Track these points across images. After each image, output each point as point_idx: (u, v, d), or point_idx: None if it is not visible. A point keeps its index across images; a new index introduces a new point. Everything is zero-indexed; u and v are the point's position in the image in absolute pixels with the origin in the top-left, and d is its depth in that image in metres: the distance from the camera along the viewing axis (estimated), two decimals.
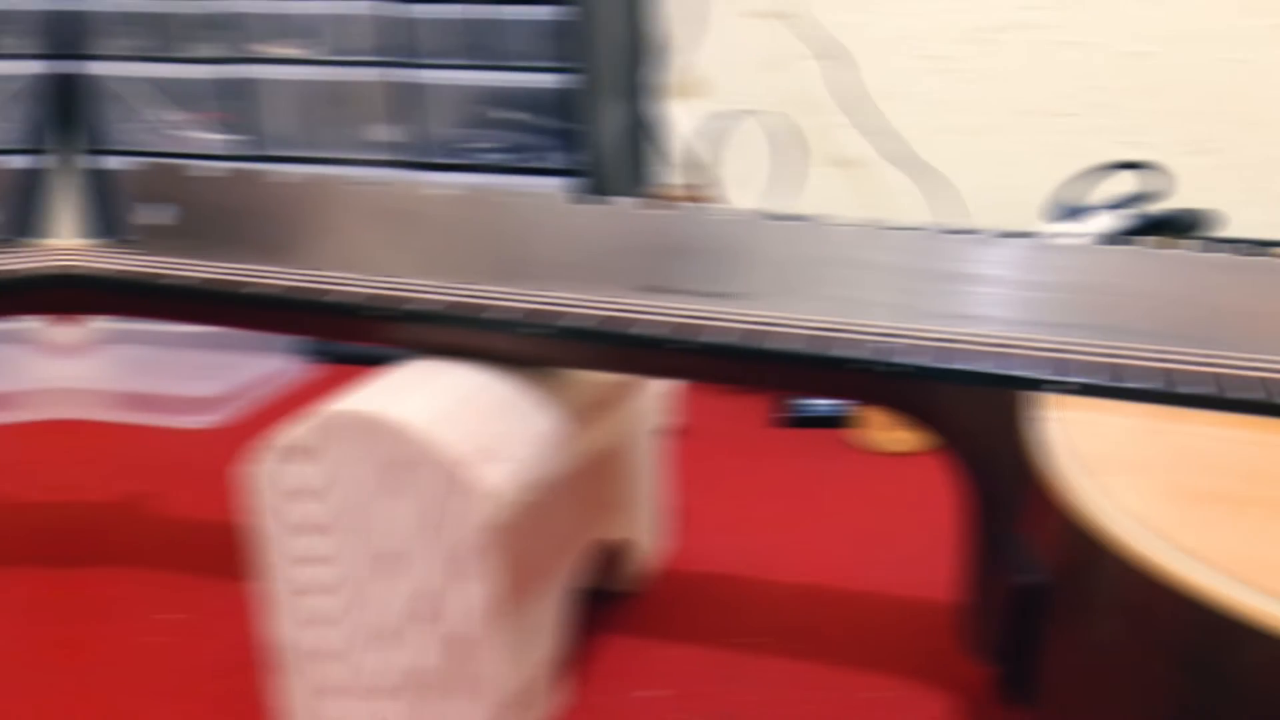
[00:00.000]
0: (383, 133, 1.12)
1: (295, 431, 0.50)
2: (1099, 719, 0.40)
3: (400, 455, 0.49)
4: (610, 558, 0.68)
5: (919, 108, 1.19)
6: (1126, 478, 0.40)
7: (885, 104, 1.20)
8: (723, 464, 0.91)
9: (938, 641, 0.64)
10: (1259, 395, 0.46)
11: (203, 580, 0.72)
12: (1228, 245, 0.51)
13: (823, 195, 1.25)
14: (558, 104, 1.07)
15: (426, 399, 0.51)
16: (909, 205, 1.22)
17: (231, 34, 1.11)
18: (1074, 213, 0.93)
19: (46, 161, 1.13)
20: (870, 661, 0.63)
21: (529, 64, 1.05)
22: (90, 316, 0.63)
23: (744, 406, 1.04)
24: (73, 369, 1.06)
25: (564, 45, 1.04)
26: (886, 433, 0.92)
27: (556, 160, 1.08)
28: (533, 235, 0.58)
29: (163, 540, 0.77)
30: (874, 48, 1.18)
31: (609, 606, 0.68)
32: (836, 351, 0.51)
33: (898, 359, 0.50)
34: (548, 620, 0.56)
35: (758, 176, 1.25)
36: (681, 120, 1.26)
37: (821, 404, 0.99)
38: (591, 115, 1.06)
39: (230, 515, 0.81)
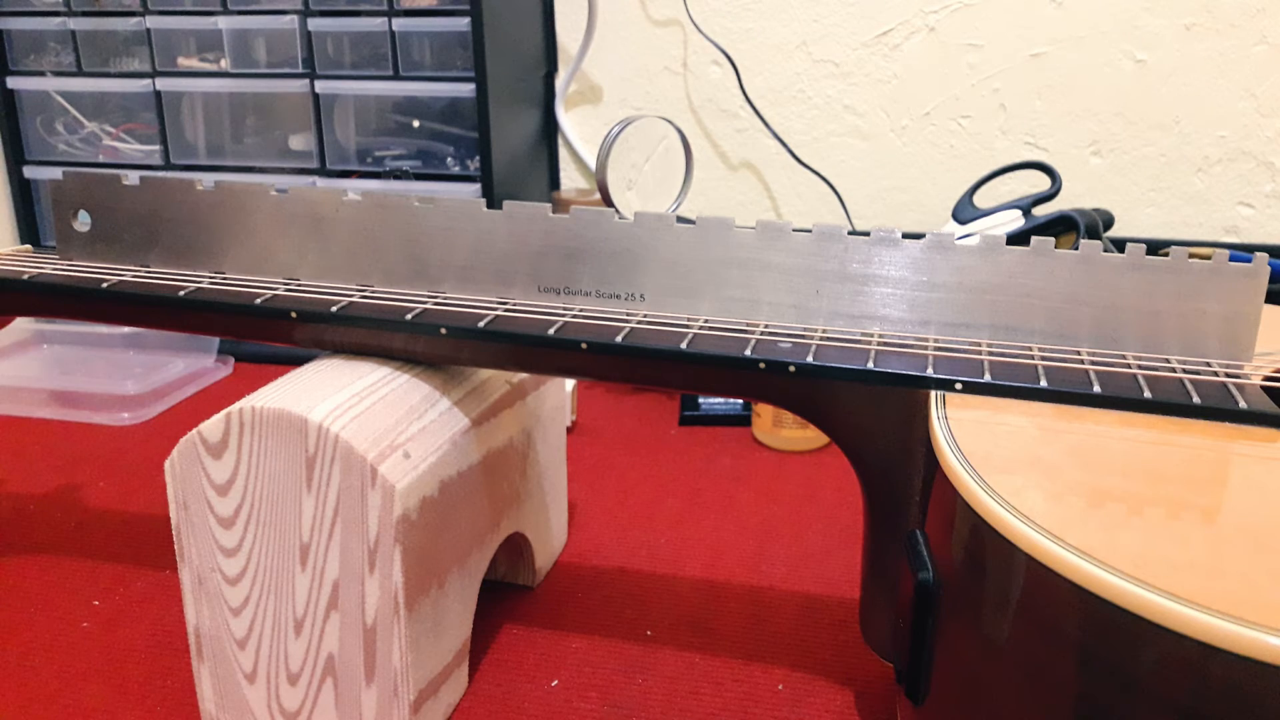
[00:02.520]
0: (297, 142, 1.14)
1: (207, 427, 0.51)
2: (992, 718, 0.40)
3: (310, 450, 0.50)
4: (514, 551, 0.69)
5: (818, 112, 1.20)
6: (1026, 476, 0.40)
7: (785, 108, 1.21)
8: (626, 461, 0.91)
9: (839, 637, 0.65)
10: (1154, 394, 0.47)
11: (129, 569, 0.73)
12: (1126, 245, 0.52)
13: (722, 199, 1.27)
14: (464, 112, 1.10)
15: (337, 395, 0.52)
16: (808, 208, 1.24)
17: (152, 50, 1.14)
18: (973, 214, 0.94)
19: None
20: (770, 655, 0.63)
21: (437, 74, 1.08)
22: (9, 316, 0.65)
23: (649, 404, 1.05)
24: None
25: (469, 55, 1.07)
26: (788, 430, 0.93)
27: (464, 167, 1.11)
28: (440, 239, 0.59)
29: (90, 531, 0.78)
30: (771, 53, 1.20)
31: (512, 599, 0.69)
32: (736, 351, 0.51)
33: (797, 359, 0.51)
34: (456, 612, 0.57)
35: (657, 181, 1.27)
36: (580, 126, 1.28)
37: (724, 402, 1.00)
38: (493, 122, 1.08)
39: (153, 508, 0.82)
